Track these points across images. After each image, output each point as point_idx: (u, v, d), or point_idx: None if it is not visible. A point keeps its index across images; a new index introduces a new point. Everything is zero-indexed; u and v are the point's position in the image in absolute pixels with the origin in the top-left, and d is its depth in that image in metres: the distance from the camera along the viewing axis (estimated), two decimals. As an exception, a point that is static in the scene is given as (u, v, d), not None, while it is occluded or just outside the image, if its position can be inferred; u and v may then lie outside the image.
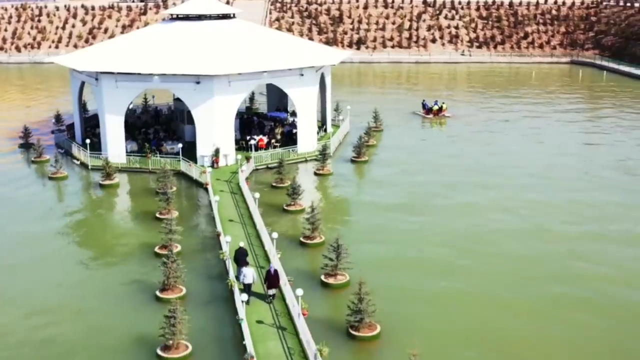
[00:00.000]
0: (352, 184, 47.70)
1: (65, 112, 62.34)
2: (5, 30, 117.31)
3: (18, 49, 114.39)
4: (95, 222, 41.18)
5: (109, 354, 25.71)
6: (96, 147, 51.26)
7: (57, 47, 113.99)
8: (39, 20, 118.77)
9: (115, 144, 49.89)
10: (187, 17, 56.23)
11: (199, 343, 25.97)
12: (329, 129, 58.64)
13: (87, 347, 26.21)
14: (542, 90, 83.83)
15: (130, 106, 56.76)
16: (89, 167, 49.75)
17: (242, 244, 31.00)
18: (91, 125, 57.52)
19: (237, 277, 28.96)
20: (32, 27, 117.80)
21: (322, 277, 31.30)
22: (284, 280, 29.36)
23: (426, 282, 31.56)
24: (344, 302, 27.83)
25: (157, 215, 39.45)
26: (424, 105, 68.62)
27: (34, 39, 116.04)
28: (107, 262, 34.54)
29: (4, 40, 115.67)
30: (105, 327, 27.67)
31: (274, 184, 45.30)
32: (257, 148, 50.94)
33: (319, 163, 49.23)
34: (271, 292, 28.62)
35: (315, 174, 48.47)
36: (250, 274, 28.47)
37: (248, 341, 24.82)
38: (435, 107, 67.26)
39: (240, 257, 29.77)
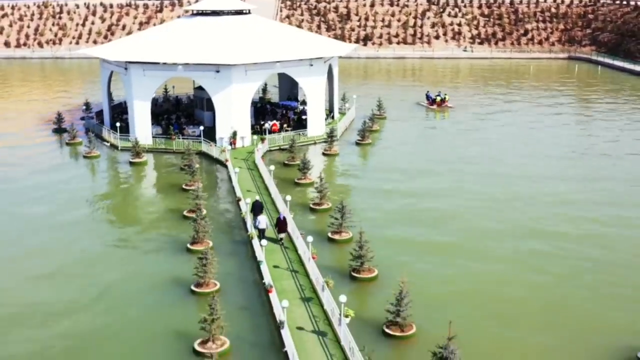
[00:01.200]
0: (356, 162, 52.84)
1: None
2: (28, 27, 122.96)
3: (40, 44, 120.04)
4: (128, 192, 46.59)
5: (153, 289, 30.87)
6: (123, 131, 56.37)
7: (77, 43, 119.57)
8: (60, 18, 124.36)
9: (143, 127, 55.12)
10: (206, 13, 61.38)
11: (225, 282, 31.04)
12: (336, 116, 63.74)
13: (134, 286, 31.42)
14: (539, 83, 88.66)
15: (153, 95, 61.94)
16: (119, 148, 55.03)
17: (257, 198, 36.94)
18: (117, 112, 62.76)
19: (254, 225, 34.51)
20: (53, 24, 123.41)
21: (329, 234, 36.41)
22: (296, 235, 34.48)
23: (418, 237, 36.63)
24: (347, 254, 32.87)
25: (184, 186, 44.68)
26: (427, 97, 73.35)
27: (55, 35, 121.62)
28: (142, 224, 39.83)
29: (27, 36, 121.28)
30: (146, 271, 32.92)
31: (286, 162, 50.44)
32: (270, 132, 56.05)
33: (326, 145, 54.33)
34: (281, 235, 34.48)
35: (324, 154, 53.59)
36: (264, 220, 34.34)
37: (267, 278, 29.96)
38: (439, 98, 71.94)
39: (256, 208, 35.72)
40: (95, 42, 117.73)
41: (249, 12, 62.92)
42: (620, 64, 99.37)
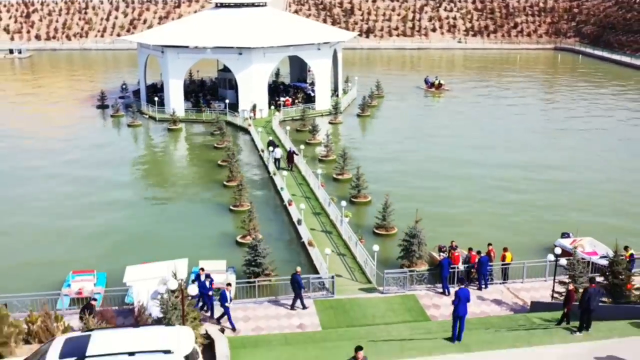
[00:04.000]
0: (357, 128, 63.18)
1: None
2: (57, 21, 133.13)
3: (68, 37, 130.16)
4: (170, 150, 57.04)
5: (202, 209, 40.98)
6: (158, 106, 66.29)
7: (102, 36, 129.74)
8: (86, 13, 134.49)
9: (176, 101, 65.17)
10: (228, 5, 71.32)
11: (255, 203, 40.97)
12: (340, 94, 73.70)
13: (186, 208, 41.59)
14: (524, 71, 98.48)
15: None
16: (157, 119, 65.19)
17: (271, 138, 48.28)
18: (150, 91, 72.68)
19: (273, 156, 47.01)
20: (79, 19, 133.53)
21: (334, 175, 46.45)
22: (309, 173, 44.52)
23: (399, 172, 46.75)
24: (349, 188, 42.83)
25: (215, 145, 54.82)
26: (426, 81, 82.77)
27: (82, 29, 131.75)
28: (186, 170, 50.19)
29: (56, 30, 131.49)
30: (194, 199, 43.10)
31: (298, 129, 60.46)
32: (284, 106, 66.07)
33: (332, 116, 64.35)
34: (291, 165, 46.45)
35: (330, 123, 63.68)
36: (278, 151, 46.87)
37: (286, 197, 40.06)
38: (437, 82, 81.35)
39: (272, 144, 48.32)
40: (118, 35, 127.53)
41: (265, 5, 72.88)
42: (600, 53, 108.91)
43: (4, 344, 17.55)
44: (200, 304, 26.07)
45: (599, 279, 24.29)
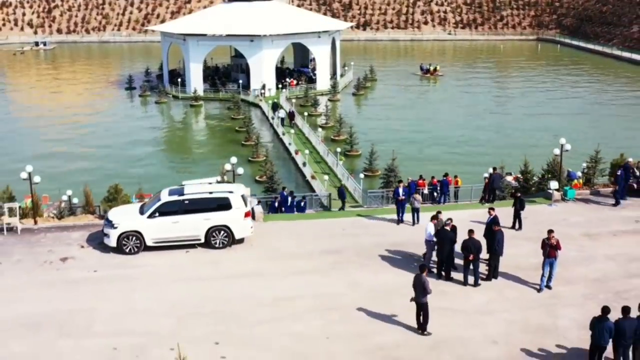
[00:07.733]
0: (352, 104, 73.72)
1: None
2: (76, 16, 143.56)
3: (87, 31, 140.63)
4: (195, 121, 67.68)
5: (226, 160, 51.36)
6: (180, 86, 76.76)
7: (119, 29, 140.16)
8: (103, 8, 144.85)
9: (196, 82, 75.56)
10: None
11: (269, 156, 51.36)
12: (338, 77, 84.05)
13: (213, 161, 51.97)
14: (507, 59, 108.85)
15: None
16: (180, 97, 75.68)
17: (275, 101, 58.49)
18: (170, 75, 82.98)
19: (278, 116, 57.61)
20: (97, 14, 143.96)
21: (332, 137, 56.86)
22: (311, 134, 54.91)
23: (388, 136, 57.03)
24: (343, 145, 53.17)
25: (232, 117, 65.27)
26: (421, 68, 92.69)
27: (100, 23, 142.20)
28: (209, 136, 60.63)
29: (76, 24, 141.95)
30: (220, 154, 53.44)
31: (301, 104, 70.81)
32: (289, 86, 76.49)
33: (331, 94, 74.79)
34: (293, 122, 57.06)
35: (329, 100, 74.07)
36: (282, 112, 57.48)
37: (293, 148, 50.47)
38: (432, 68, 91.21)
39: (275, 107, 59.05)
40: (134, 29, 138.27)
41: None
42: (577, 43, 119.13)
43: (119, 209, 28.03)
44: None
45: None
